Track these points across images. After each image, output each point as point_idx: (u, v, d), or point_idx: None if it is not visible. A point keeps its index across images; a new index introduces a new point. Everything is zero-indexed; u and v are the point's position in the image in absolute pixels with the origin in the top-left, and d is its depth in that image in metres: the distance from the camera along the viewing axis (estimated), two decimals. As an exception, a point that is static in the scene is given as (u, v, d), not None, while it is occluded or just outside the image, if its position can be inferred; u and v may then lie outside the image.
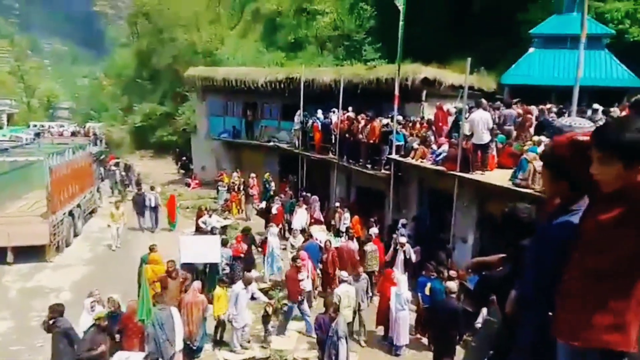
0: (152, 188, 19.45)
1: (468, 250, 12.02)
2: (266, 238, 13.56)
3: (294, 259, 10.93)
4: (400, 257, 11.71)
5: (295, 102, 19.68)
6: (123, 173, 25.60)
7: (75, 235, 17.41)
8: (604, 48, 18.57)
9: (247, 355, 9.88)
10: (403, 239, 11.88)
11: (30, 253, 14.76)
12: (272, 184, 19.93)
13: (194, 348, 9.34)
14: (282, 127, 22.28)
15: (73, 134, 37.59)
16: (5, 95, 63.05)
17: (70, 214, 16.95)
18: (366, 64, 21.05)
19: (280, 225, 15.87)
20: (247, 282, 9.83)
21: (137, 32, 43.49)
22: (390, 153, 14.25)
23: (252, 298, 9.98)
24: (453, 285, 8.87)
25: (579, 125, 2.41)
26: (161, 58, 37.06)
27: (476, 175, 11.27)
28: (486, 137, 11.23)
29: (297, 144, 19.87)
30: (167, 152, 34.88)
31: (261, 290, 10.95)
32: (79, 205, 18.01)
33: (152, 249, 11.42)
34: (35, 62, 75.09)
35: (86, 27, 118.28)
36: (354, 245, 12.17)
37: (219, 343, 10.16)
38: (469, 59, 12.17)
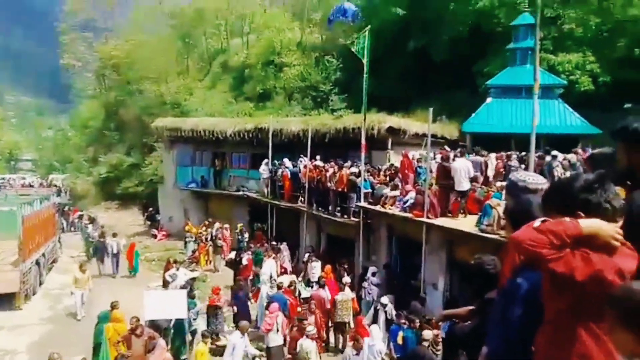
0: (114, 235, 20.17)
1: (439, 295, 11.98)
2: (258, 288, 13.31)
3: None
4: (381, 317, 11.50)
5: (263, 151, 19.80)
6: (94, 228, 24.02)
7: (40, 283, 17.66)
8: (557, 97, 19.59)
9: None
10: (385, 300, 11.57)
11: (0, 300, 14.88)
12: (246, 234, 19.61)
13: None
14: (251, 176, 22.26)
15: (33, 185, 36.52)
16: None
17: (37, 262, 17.25)
18: (333, 114, 21.53)
19: (250, 277, 15.52)
20: (243, 331, 9.56)
21: (105, 84, 43.48)
22: (358, 200, 14.35)
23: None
24: (428, 333, 8.76)
25: (533, 181, 2.49)
26: (129, 109, 36.97)
27: (443, 221, 11.43)
28: (466, 185, 11.52)
29: (266, 193, 19.83)
30: (134, 203, 34.17)
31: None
32: (43, 255, 18.34)
33: (113, 306, 10.89)
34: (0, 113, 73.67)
35: (52, 80, 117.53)
36: (325, 293, 11.96)
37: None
38: (431, 109, 12.66)
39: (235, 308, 12.65)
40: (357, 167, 15.18)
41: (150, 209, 30.09)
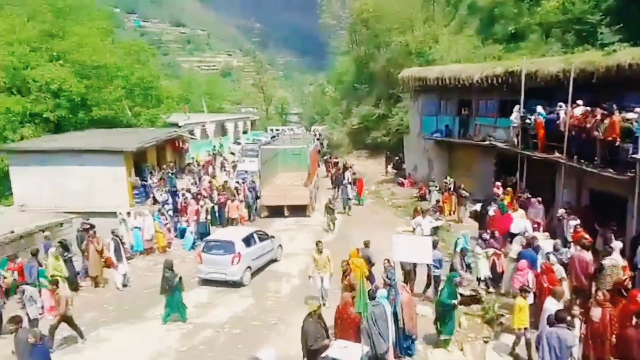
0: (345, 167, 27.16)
1: None
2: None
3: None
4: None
5: (514, 97, 18.27)
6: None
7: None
8: None
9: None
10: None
11: (297, 211, 21.72)
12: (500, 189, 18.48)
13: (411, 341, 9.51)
14: (499, 124, 20.91)
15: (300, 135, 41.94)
16: (250, 105, 74.39)
17: (316, 186, 23.77)
18: (603, 49, 18.21)
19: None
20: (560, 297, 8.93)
21: (356, 40, 46.24)
22: (635, 152, 12.08)
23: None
24: None
25: None
26: (377, 62, 38.66)
27: None
28: None
29: (516, 143, 18.42)
30: (381, 152, 36.24)
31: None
32: (316, 183, 24.83)
33: (366, 243, 12.25)
34: (272, 74, 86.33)
35: (312, 40, 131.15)
36: (588, 256, 10.65)
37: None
38: None
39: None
40: (633, 112, 12.70)
41: (397, 157, 31.48)
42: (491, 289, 12.52)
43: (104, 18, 35.90)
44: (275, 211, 21.98)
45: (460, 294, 10.66)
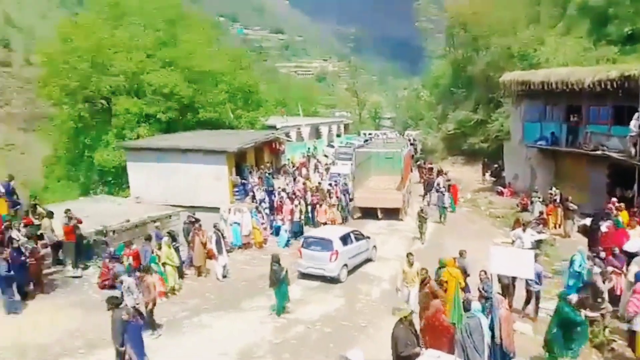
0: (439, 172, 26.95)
1: None
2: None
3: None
4: None
5: (631, 103, 16.77)
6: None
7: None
8: None
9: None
10: None
11: (390, 214, 21.80)
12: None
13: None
14: (614, 132, 19.25)
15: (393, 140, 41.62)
16: (343, 109, 75.33)
17: (408, 191, 23.91)
18: None
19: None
20: None
21: (453, 43, 44.98)
22: None
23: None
24: None
25: None
26: (475, 66, 37.31)
27: None
28: None
29: (634, 153, 16.84)
30: (478, 159, 34.86)
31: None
32: (408, 187, 24.56)
33: (461, 253, 11.90)
34: (366, 79, 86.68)
35: (406, 45, 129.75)
36: None
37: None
38: None
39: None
40: None
41: (496, 165, 30.14)
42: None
43: (210, 27, 38.31)
44: (368, 213, 22.10)
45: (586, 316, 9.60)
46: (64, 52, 27.58)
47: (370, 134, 52.39)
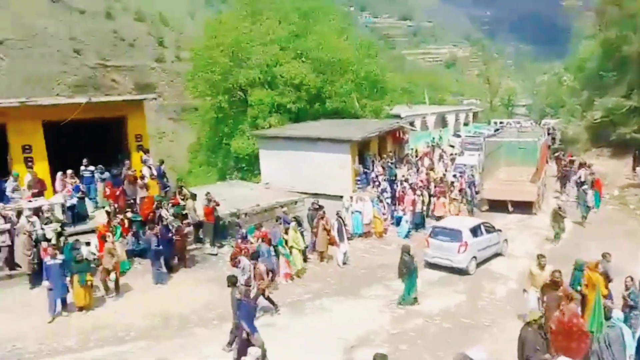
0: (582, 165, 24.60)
1: None
2: None
3: None
4: None
5: None
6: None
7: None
8: None
9: None
10: None
11: (522, 207, 20.55)
12: None
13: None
14: None
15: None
16: (472, 96, 71.81)
17: (543, 183, 22.88)
18: None
19: None
20: None
21: (605, 21, 40.06)
22: None
23: None
24: None
25: None
26: (631, 46, 32.89)
27: None
28: None
29: None
30: (628, 151, 30.86)
31: None
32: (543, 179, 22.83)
33: (605, 257, 10.73)
34: (500, 64, 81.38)
35: (548, 26, 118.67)
36: None
37: None
38: None
39: None
40: None
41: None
42: None
43: (340, 18, 38.97)
44: (497, 206, 20.99)
45: None
46: (209, 47, 30.32)
47: (501, 122, 49.30)
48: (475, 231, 14.91)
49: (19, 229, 12.83)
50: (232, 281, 9.93)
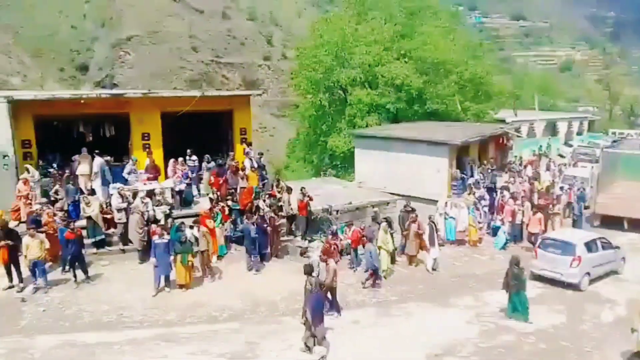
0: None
1: None
2: None
3: None
4: None
5: None
6: None
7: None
8: None
9: None
10: None
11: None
12: None
13: None
14: None
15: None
16: (589, 103, 66.10)
17: None
18: None
19: None
20: None
21: None
22: None
23: None
24: None
25: None
26: None
27: None
28: None
29: None
30: None
31: None
32: None
33: None
34: (623, 69, 74.03)
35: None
36: None
37: None
38: None
39: None
40: None
41: None
42: None
43: (448, 17, 37.87)
44: (610, 222, 19.31)
45: None
46: (314, 46, 31.09)
47: (621, 133, 44.84)
48: (590, 246, 14.12)
49: (134, 209, 14.25)
50: (307, 270, 10.36)
